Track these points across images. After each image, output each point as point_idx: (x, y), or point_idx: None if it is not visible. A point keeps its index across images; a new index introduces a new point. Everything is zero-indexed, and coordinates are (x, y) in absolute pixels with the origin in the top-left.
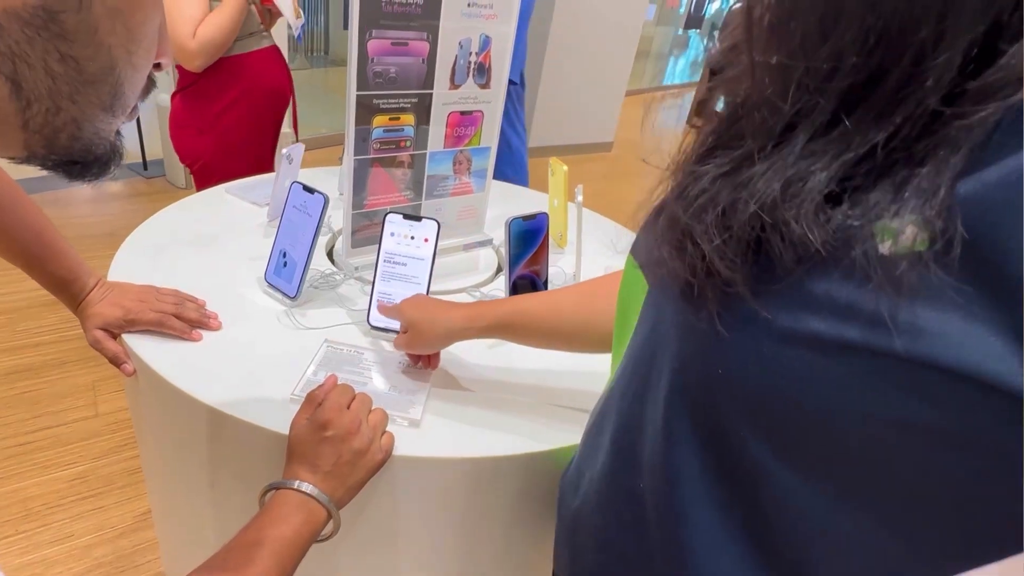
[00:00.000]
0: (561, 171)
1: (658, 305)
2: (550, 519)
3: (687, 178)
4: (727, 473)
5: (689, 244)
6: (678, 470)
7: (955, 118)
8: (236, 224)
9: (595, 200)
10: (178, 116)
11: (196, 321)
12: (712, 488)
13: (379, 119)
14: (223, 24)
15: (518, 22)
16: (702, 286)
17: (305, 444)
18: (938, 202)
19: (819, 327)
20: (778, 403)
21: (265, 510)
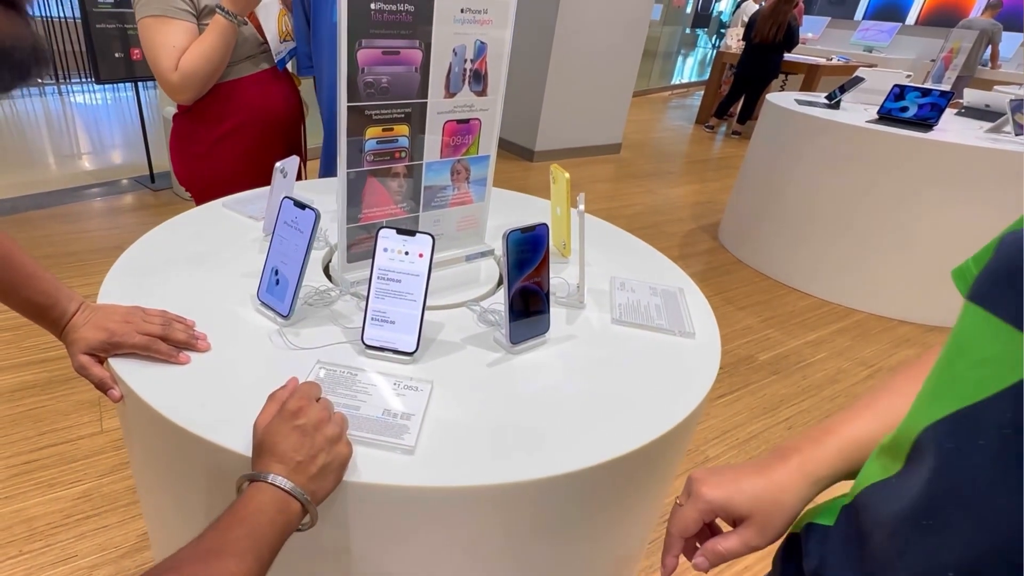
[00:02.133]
0: (563, 178)
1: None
2: (546, 547)
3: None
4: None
5: None
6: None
7: None
8: (232, 239)
9: (604, 202)
10: (178, 139)
11: (184, 343)
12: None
13: (372, 130)
14: (206, 53)
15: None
16: None
17: (276, 435)
18: None
19: None
20: None
21: (239, 501)
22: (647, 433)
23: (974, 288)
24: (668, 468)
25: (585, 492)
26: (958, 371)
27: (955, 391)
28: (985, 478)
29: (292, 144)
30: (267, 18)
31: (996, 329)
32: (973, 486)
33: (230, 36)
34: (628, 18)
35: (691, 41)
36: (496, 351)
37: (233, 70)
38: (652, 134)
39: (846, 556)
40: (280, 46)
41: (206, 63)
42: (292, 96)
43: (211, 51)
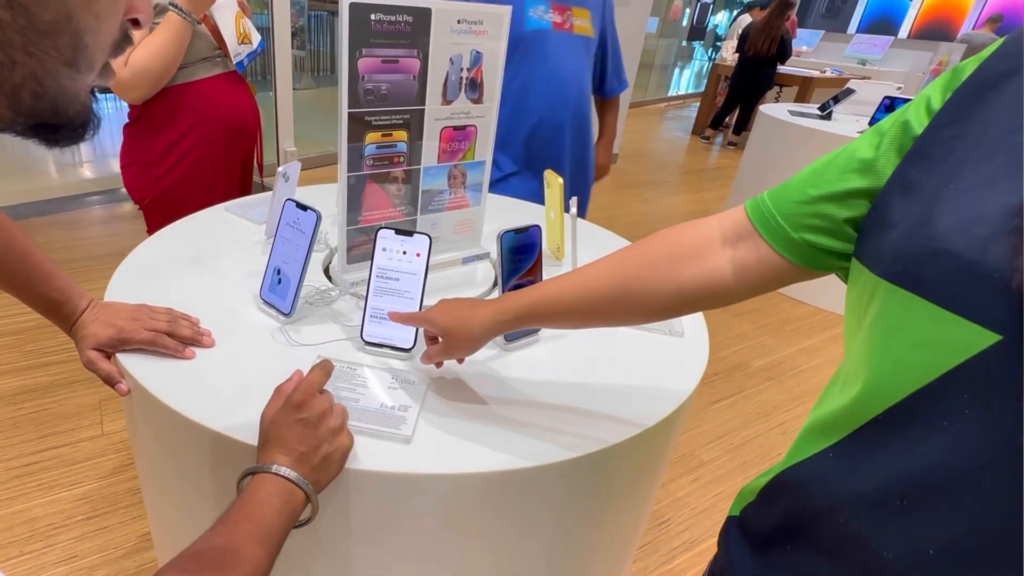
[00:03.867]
0: (556, 183)
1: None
2: (541, 534)
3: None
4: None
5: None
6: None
7: None
8: (234, 242)
9: (602, 211)
10: (125, 151)
11: (189, 339)
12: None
13: (372, 136)
14: (159, 49)
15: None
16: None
17: (280, 427)
18: None
19: None
20: None
21: (245, 494)
22: (633, 427)
23: (889, 268)
24: (655, 463)
25: (572, 482)
26: (896, 353)
27: (901, 373)
28: (956, 459)
29: (247, 153)
30: (223, 19)
31: (926, 310)
32: (943, 468)
33: (184, 34)
34: (624, 30)
35: (687, 54)
36: (491, 348)
37: (186, 72)
38: (649, 145)
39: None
40: (239, 48)
41: (158, 60)
42: (248, 102)
43: (163, 48)
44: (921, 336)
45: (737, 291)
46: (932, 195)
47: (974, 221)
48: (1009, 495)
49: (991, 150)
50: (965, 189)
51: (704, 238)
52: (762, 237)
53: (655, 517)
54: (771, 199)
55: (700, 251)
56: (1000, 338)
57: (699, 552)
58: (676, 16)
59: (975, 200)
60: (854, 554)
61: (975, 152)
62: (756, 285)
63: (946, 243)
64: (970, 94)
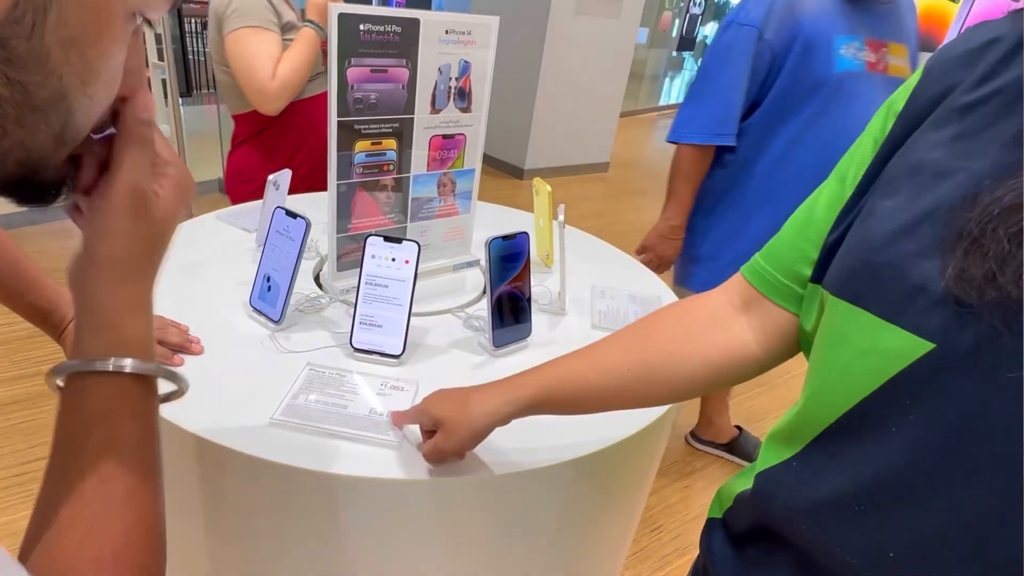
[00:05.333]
0: (545, 191)
1: (994, 363)
2: (529, 540)
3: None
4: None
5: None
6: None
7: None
8: (225, 249)
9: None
10: (243, 170)
11: (178, 346)
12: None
13: (361, 144)
14: (298, 63)
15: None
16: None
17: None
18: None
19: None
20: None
21: (77, 411)
22: (620, 433)
23: (834, 282)
24: (643, 469)
25: (559, 488)
26: (844, 362)
27: (848, 383)
28: (903, 464)
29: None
30: None
31: (865, 321)
32: (892, 473)
33: (316, 49)
34: (614, 41)
35: (678, 64)
36: (480, 355)
37: (305, 88)
38: (640, 153)
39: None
40: None
41: (298, 73)
42: None
43: (302, 61)
44: (863, 346)
45: (765, 358)
46: (870, 212)
47: (907, 234)
48: (952, 497)
49: (916, 168)
50: (899, 205)
51: (716, 309)
52: (770, 300)
53: (647, 523)
54: (766, 260)
55: (718, 322)
56: (934, 346)
57: (691, 558)
58: (666, 27)
59: (907, 214)
60: (822, 559)
61: (907, 170)
62: (781, 348)
63: (882, 256)
64: (903, 124)
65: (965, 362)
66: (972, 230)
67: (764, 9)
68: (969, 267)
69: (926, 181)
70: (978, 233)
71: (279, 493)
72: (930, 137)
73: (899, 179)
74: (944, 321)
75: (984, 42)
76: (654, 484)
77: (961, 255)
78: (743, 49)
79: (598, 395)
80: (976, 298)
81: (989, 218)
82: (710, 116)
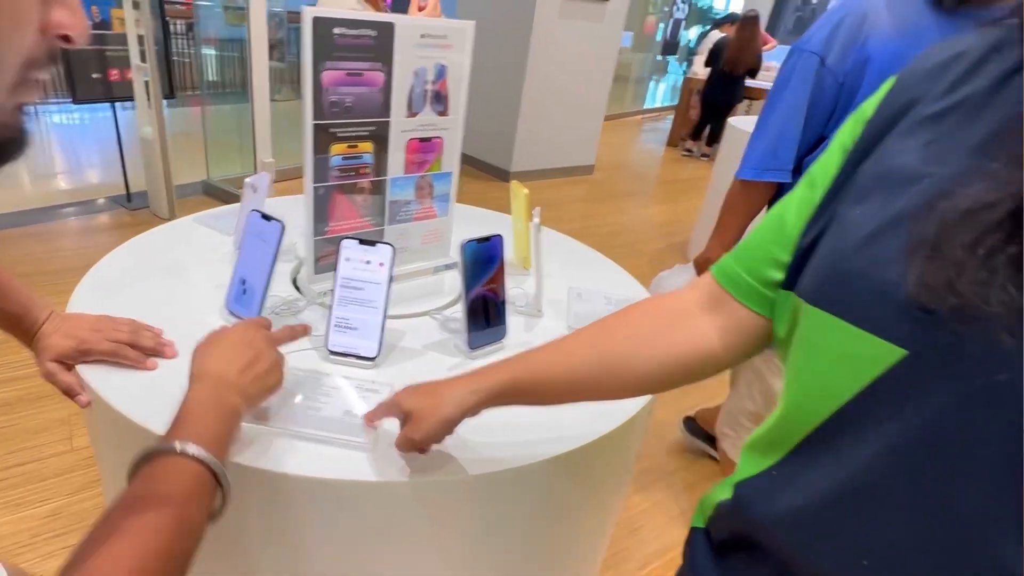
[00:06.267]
0: (521, 194)
1: (963, 370)
2: (501, 540)
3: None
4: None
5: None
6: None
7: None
8: (203, 253)
9: (578, 222)
10: None
11: (151, 350)
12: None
13: (337, 147)
14: None
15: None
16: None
17: (218, 344)
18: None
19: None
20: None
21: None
22: (592, 433)
23: (808, 290)
24: (615, 468)
25: (530, 488)
26: (820, 370)
27: (825, 391)
28: (876, 471)
29: None
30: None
31: (839, 328)
32: (866, 481)
33: None
34: (598, 44)
35: (663, 67)
36: (456, 357)
37: None
38: (625, 156)
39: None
40: None
41: None
42: None
43: None
44: (838, 354)
45: (725, 357)
46: (841, 220)
47: (874, 241)
48: (925, 505)
49: (884, 175)
50: (868, 212)
51: (683, 307)
52: (736, 299)
53: (628, 524)
54: (735, 261)
55: (684, 319)
56: (906, 352)
57: (671, 559)
58: (650, 31)
59: (876, 221)
60: (800, 567)
61: (876, 178)
62: (742, 348)
63: (851, 263)
64: (872, 132)
65: (933, 369)
66: (930, 237)
67: (827, 32)
68: (929, 274)
69: (894, 189)
70: (936, 240)
71: (251, 496)
72: (899, 145)
73: (869, 187)
74: (911, 328)
75: (952, 55)
76: (635, 485)
77: (921, 262)
78: (802, 78)
79: (563, 385)
80: (938, 305)
81: (946, 225)
82: (762, 150)
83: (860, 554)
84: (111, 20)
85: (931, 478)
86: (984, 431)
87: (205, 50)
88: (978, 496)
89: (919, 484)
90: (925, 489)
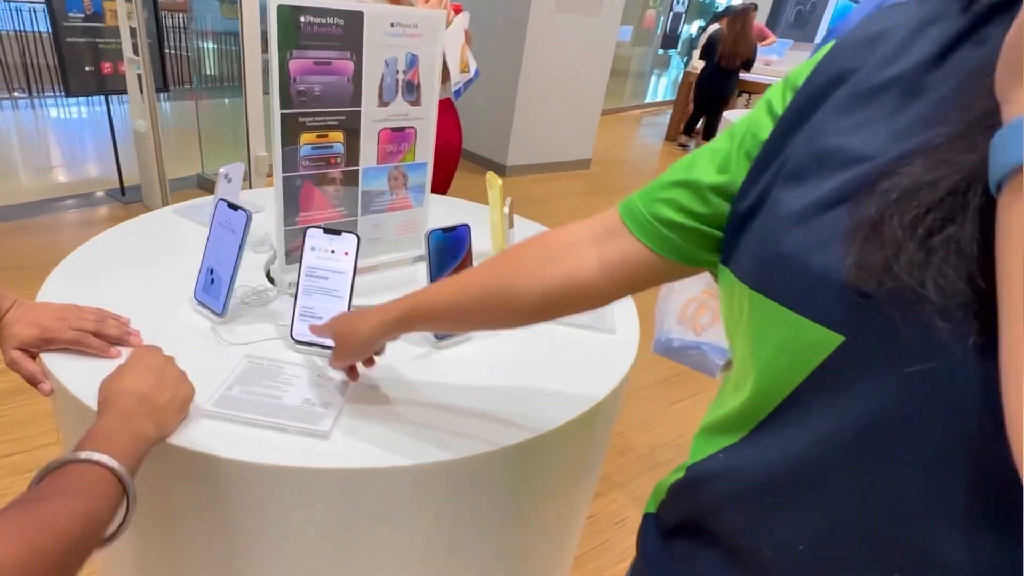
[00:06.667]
0: (496, 185)
1: (899, 357)
2: (454, 527)
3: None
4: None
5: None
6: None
7: None
8: (177, 243)
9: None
10: None
11: (116, 338)
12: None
13: (306, 136)
14: None
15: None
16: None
17: (123, 376)
18: None
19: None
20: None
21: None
22: (555, 421)
23: (749, 274)
24: (581, 456)
25: (491, 475)
26: (766, 358)
27: (775, 377)
28: (813, 456)
29: (444, 176)
30: (450, 48)
31: (781, 314)
32: (803, 465)
33: None
34: (595, 38)
35: (664, 62)
36: (423, 347)
37: None
38: (623, 151)
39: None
40: (459, 76)
41: None
42: (455, 131)
43: None
44: (782, 340)
45: (605, 288)
46: (776, 201)
47: (810, 223)
48: (859, 491)
49: (822, 155)
50: (803, 194)
51: (575, 238)
52: (627, 228)
53: (612, 516)
54: (639, 196)
55: (568, 250)
56: (844, 338)
57: None
58: (650, 25)
59: (812, 203)
60: (741, 550)
61: (812, 158)
62: (624, 282)
63: (790, 248)
64: (803, 101)
65: (869, 355)
66: (871, 217)
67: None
68: (867, 256)
69: (834, 169)
70: (876, 220)
71: (202, 482)
72: (835, 123)
73: (805, 167)
74: (849, 313)
75: (889, 26)
76: (619, 477)
77: (860, 243)
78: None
79: (454, 313)
80: (875, 288)
81: (887, 204)
82: None
83: (797, 538)
84: (104, 12)
85: (865, 466)
86: (917, 421)
87: (200, 43)
88: (911, 486)
89: (853, 471)
90: (859, 477)
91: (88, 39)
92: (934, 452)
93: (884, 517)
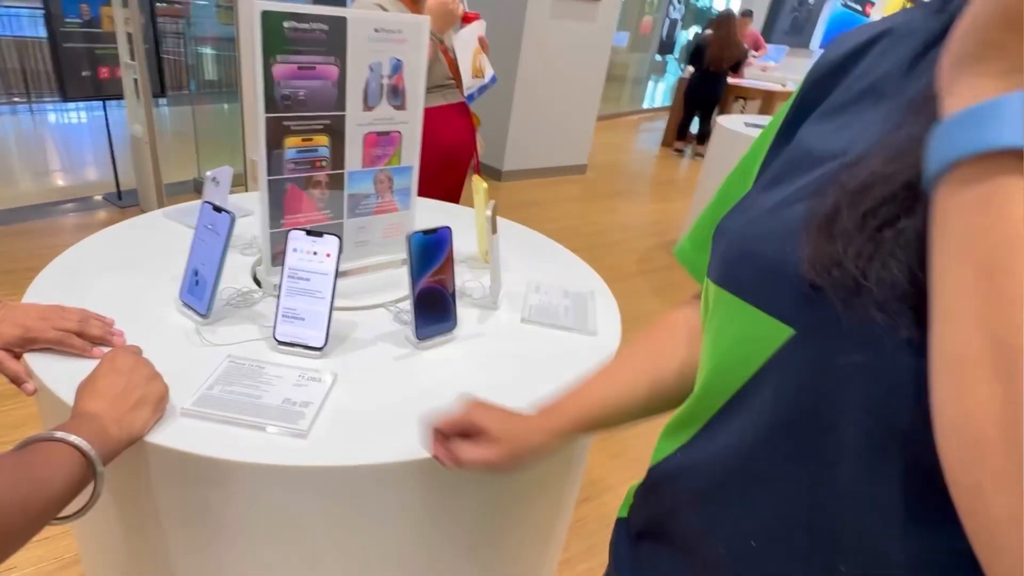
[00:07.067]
0: (482, 189)
1: (830, 346)
2: (435, 525)
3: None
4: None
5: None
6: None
7: None
8: (166, 245)
9: (569, 220)
10: None
11: (99, 339)
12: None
13: (291, 140)
14: None
15: None
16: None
17: (95, 379)
18: None
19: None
20: None
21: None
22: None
23: (718, 272)
24: (565, 455)
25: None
26: (723, 352)
27: (729, 371)
28: (760, 452)
29: (456, 180)
30: (462, 53)
31: (739, 308)
32: (752, 461)
33: (428, 56)
34: (590, 44)
35: (661, 67)
36: (405, 347)
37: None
38: (619, 156)
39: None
40: (471, 82)
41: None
42: (469, 134)
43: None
44: (739, 334)
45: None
46: (748, 207)
47: (773, 218)
48: (802, 486)
49: (795, 159)
50: (774, 196)
51: (679, 312)
52: (696, 279)
53: (603, 519)
54: (690, 242)
55: (682, 326)
56: (793, 331)
57: None
58: (647, 31)
59: (780, 203)
60: (698, 549)
61: (784, 163)
62: None
63: (756, 245)
64: (791, 117)
65: (815, 347)
66: (826, 209)
67: None
68: (820, 248)
69: (804, 169)
70: (831, 213)
71: (180, 480)
72: (811, 130)
73: (780, 173)
74: (800, 306)
75: (876, 34)
76: (610, 480)
77: (814, 235)
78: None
79: (627, 414)
80: (825, 279)
81: (844, 195)
82: None
83: (749, 534)
84: (101, 18)
85: (809, 458)
86: (855, 413)
87: (197, 48)
88: (849, 477)
89: (799, 464)
90: (801, 470)
91: (85, 44)
92: (870, 444)
93: (827, 508)
